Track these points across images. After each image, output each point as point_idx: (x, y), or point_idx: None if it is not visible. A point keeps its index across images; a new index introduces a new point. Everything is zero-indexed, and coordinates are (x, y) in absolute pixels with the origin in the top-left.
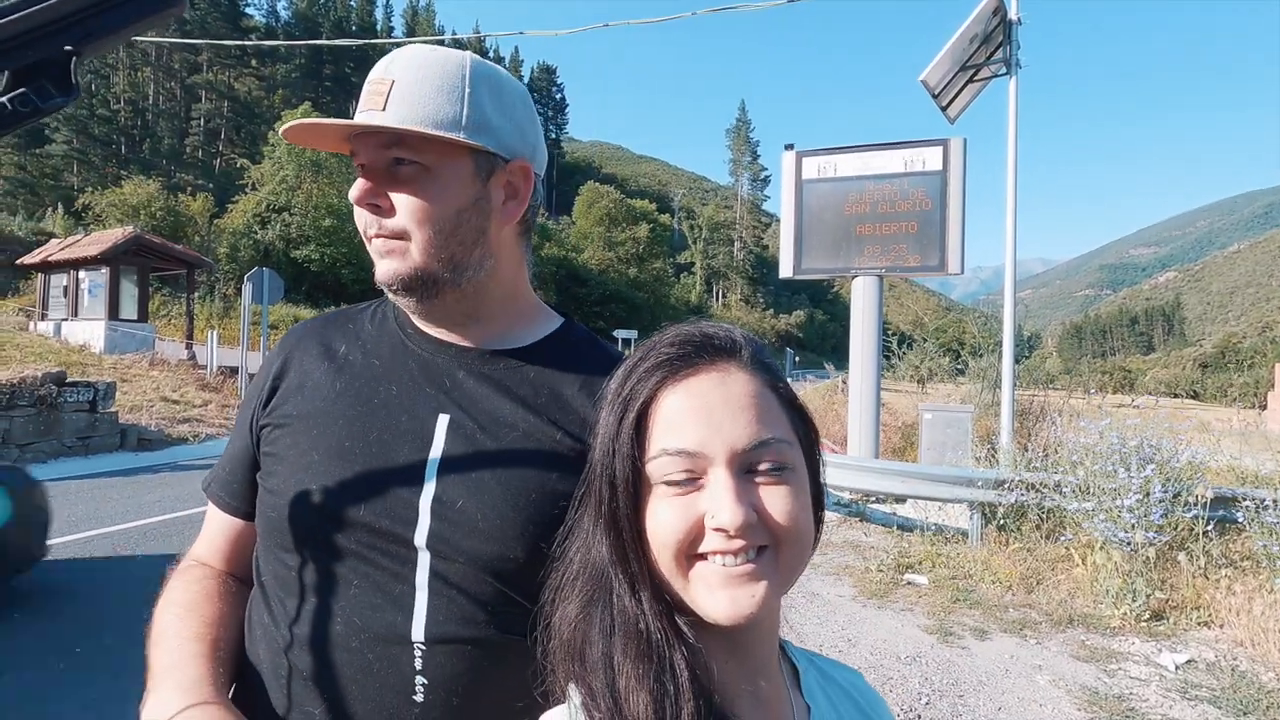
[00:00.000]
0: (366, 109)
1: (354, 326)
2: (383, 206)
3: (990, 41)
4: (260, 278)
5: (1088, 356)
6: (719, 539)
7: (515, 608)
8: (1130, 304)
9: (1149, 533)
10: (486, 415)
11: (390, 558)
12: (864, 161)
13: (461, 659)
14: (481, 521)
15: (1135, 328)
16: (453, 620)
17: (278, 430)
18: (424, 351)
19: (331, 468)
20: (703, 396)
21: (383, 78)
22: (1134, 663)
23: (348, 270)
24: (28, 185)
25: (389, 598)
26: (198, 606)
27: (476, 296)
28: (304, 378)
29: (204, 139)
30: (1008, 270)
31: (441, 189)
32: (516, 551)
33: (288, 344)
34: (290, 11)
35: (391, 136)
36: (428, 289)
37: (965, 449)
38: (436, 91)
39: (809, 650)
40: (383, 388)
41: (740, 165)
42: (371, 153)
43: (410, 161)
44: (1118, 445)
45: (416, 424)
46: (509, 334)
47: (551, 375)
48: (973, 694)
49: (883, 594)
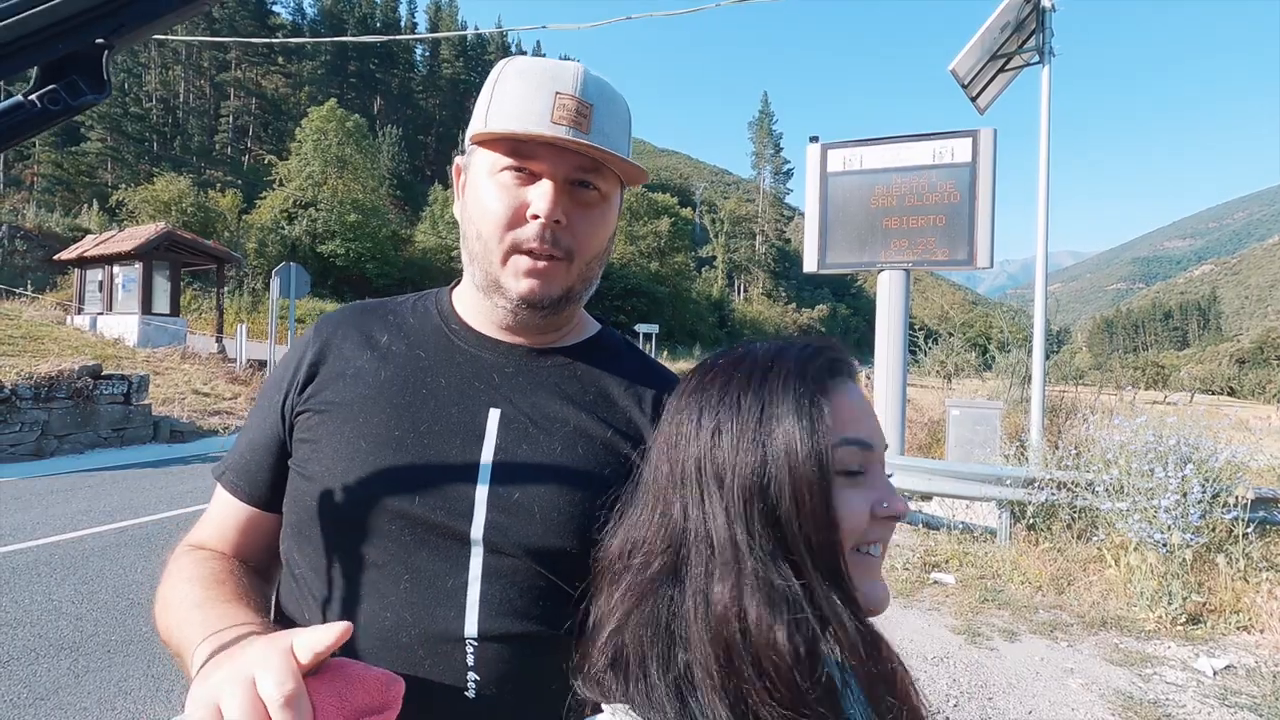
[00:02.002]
0: (566, 124)
1: (395, 318)
2: (562, 224)
3: (1022, 29)
4: (288, 273)
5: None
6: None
7: (567, 602)
8: (1164, 298)
9: (1186, 534)
10: (537, 410)
11: (443, 552)
12: (891, 154)
13: (514, 654)
14: (539, 515)
15: (1169, 322)
16: (506, 615)
17: (317, 416)
18: (470, 347)
19: (380, 456)
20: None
21: (580, 99)
22: (1170, 667)
23: (372, 265)
24: (64, 182)
25: (441, 592)
26: (215, 574)
27: (574, 312)
28: (345, 365)
29: (233, 136)
30: (1039, 263)
31: (607, 217)
32: (572, 544)
33: (324, 331)
34: (316, 9)
35: (588, 161)
36: (561, 306)
37: (994, 446)
38: (622, 127)
39: None
40: (430, 379)
41: (763, 158)
42: (566, 170)
43: (594, 187)
44: (1154, 443)
45: (468, 417)
46: (555, 336)
47: (597, 375)
48: (1002, 696)
49: (909, 593)
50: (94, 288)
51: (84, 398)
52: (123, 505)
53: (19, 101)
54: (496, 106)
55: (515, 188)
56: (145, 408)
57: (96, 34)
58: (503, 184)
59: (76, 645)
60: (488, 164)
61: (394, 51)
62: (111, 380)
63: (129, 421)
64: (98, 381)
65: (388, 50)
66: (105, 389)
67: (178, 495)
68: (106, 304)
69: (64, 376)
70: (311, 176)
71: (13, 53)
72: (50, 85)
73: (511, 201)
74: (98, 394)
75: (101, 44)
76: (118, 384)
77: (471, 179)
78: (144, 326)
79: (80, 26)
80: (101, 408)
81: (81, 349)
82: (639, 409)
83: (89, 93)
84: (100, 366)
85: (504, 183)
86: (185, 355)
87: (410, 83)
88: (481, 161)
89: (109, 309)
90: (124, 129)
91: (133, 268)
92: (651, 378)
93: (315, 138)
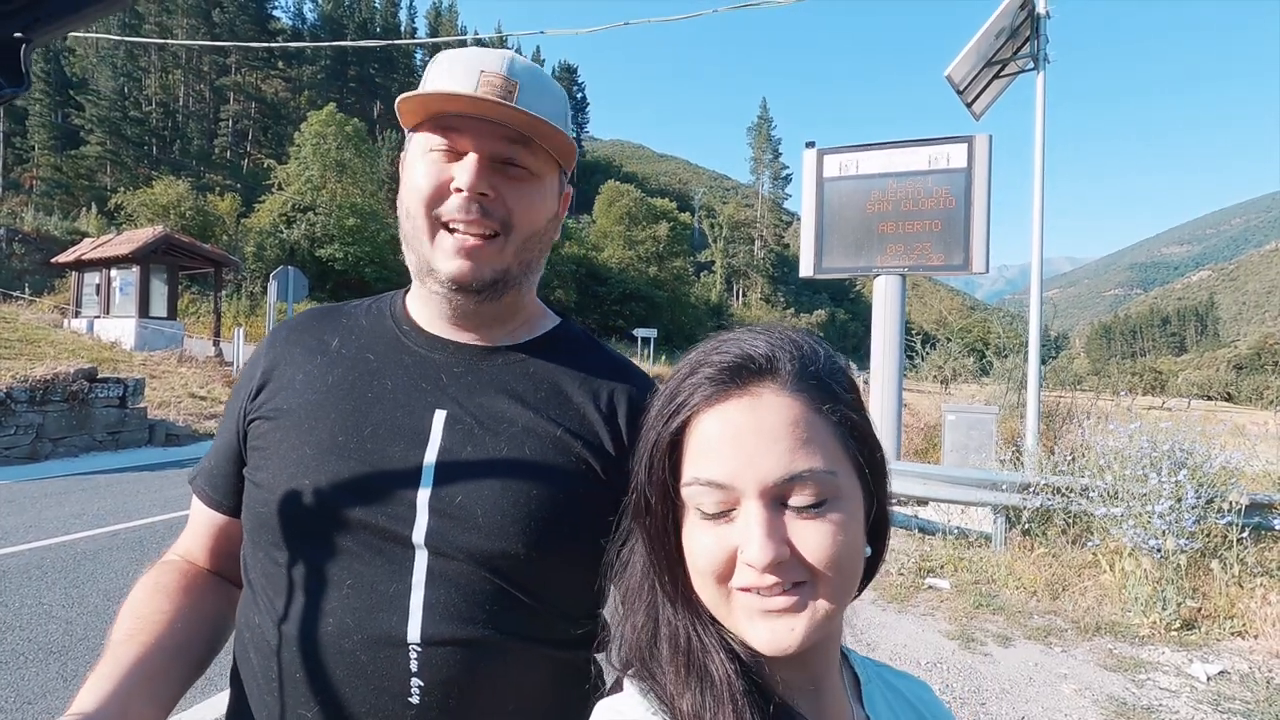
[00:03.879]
0: (490, 97)
1: (348, 321)
2: (490, 197)
3: (1017, 36)
4: (285, 276)
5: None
6: (751, 574)
7: (514, 606)
8: (1161, 303)
9: (1181, 539)
10: (484, 411)
11: (386, 556)
12: (887, 159)
13: (459, 659)
14: (482, 517)
15: (1167, 328)
16: (450, 620)
17: (267, 423)
18: (420, 347)
19: (324, 463)
20: (734, 425)
21: (505, 75)
22: (1164, 673)
23: (370, 269)
24: (63, 186)
25: (384, 598)
26: (148, 603)
27: (516, 301)
28: (295, 371)
29: (232, 140)
30: (1034, 268)
31: (541, 196)
32: (517, 547)
33: (278, 337)
34: (316, 14)
35: (515, 135)
36: (498, 290)
37: (989, 451)
38: (553, 110)
39: (876, 660)
40: (377, 382)
41: (761, 163)
42: (494, 144)
43: (521, 165)
44: (1148, 449)
45: (413, 420)
46: (507, 332)
47: (551, 371)
48: (995, 702)
49: (903, 598)
50: (91, 291)
51: (79, 401)
52: (116, 509)
53: None
54: (427, 87)
55: (441, 164)
56: (141, 411)
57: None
58: (430, 161)
59: (66, 649)
60: (419, 146)
61: (394, 56)
62: (107, 383)
63: (124, 425)
64: (93, 385)
65: (387, 55)
66: (101, 392)
67: (171, 499)
68: (104, 307)
69: (59, 379)
70: (310, 181)
71: None
72: None
73: (437, 177)
74: (93, 397)
75: (19, 37)
76: (113, 387)
77: (405, 166)
78: (141, 330)
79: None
80: (97, 411)
81: (78, 352)
82: (594, 406)
83: (7, 86)
84: (96, 369)
85: (431, 160)
86: (182, 358)
87: (410, 87)
88: (414, 146)
89: (106, 312)
90: (123, 132)
91: (130, 271)
92: (611, 373)
93: (314, 142)
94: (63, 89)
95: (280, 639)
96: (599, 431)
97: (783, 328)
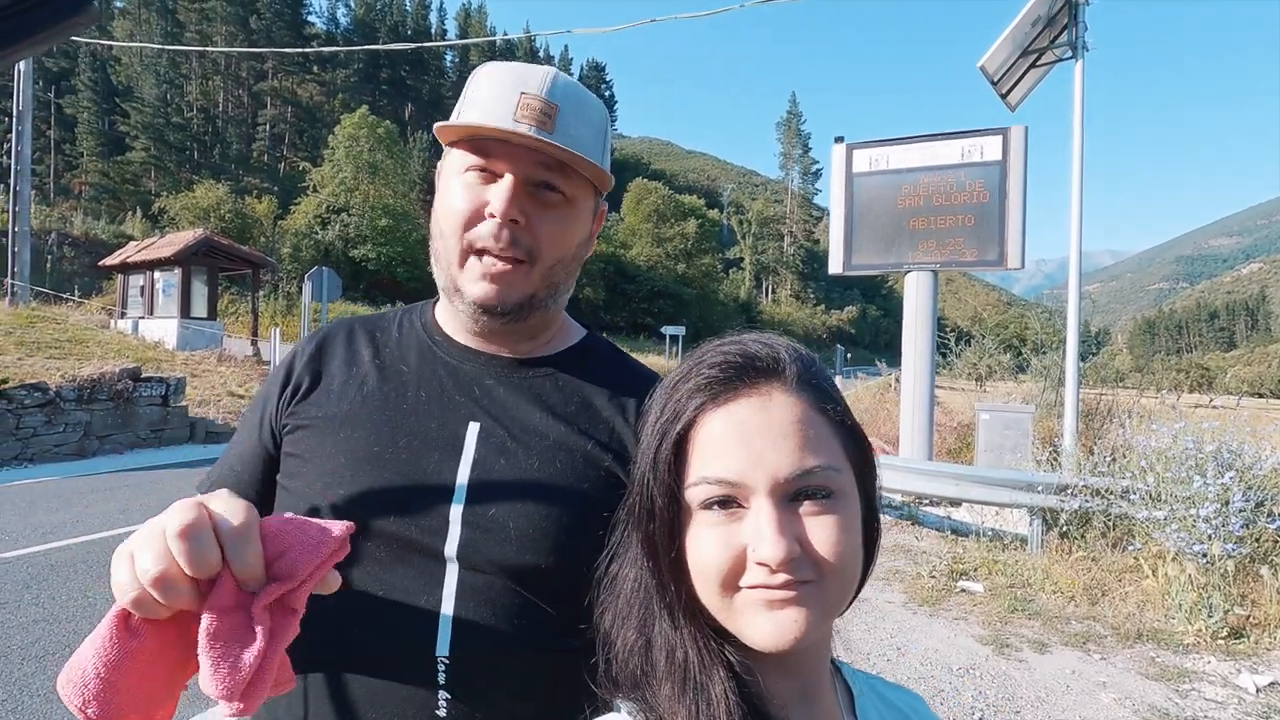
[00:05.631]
0: (529, 123)
1: (381, 333)
2: (520, 224)
3: (1054, 24)
4: (320, 277)
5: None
6: (761, 573)
7: (541, 618)
8: (1209, 297)
9: (1228, 544)
10: (517, 424)
11: (417, 569)
12: (918, 153)
13: (487, 673)
14: (514, 532)
15: (1215, 323)
16: (479, 634)
17: (302, 431)
18: (452, 359)
19: (359, 473)
20: (743, 423)
21: (546, 99)
22: (1209, 683)
23: (403, 269)
24: (110, 191)
25: (414, 610)
26: None
27: (543, 319)
28: (330, 380)
29: (269, 144)
30: (1072, 262)
31: (574, 221)
32: (548, 560)
33: (311, 346)
34: (349, 18)
35: (551, 160)
36: (524, 312)
37: (1025, 451)
38: (593, 132)
39: (868, 673)
40: (411, 394)
41: (790, 158)
42: (528, 168)
43: (556, 189)
44: (1193, 450)
45: (446, 432)
46: (536, 345)
47: (579, 385)
48: (1030, 710)
49: (935, 601)
50: (136, 292)
51: (124, 399)
52: (159, 505)
53: None
54: (465, 106)
55: (477, 186)
56: (182, 409)
57: None
58: (466, 183)
59: None
60: (455, 164)
61: (424, 58)
62: (150, 382)
63: (167, 422)
64: (137, 384)
65: (418, 57)
66: (144, 391)
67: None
68: (148, 308)
69: (105, 379)
70: (344, 182)
71: None
72: None
73: (472, 199)
74: (137, 396)
75: None
76: (156, 386)
77: (440, 181)
78: (183, 330)
79: None
80: (140, 409)
81: (123, 352)
82: (622, 418)
83: None
84: (140, 369)
85: (467, 182)
86: (221, 358)
87: (441, 89)
88: (450, 162)
89: (150, 313)
90: (166, 138)
91: (173, 273)
92: (638, 385)
93: (348, 144)
94: (109, 97)
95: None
96: (627, 444)
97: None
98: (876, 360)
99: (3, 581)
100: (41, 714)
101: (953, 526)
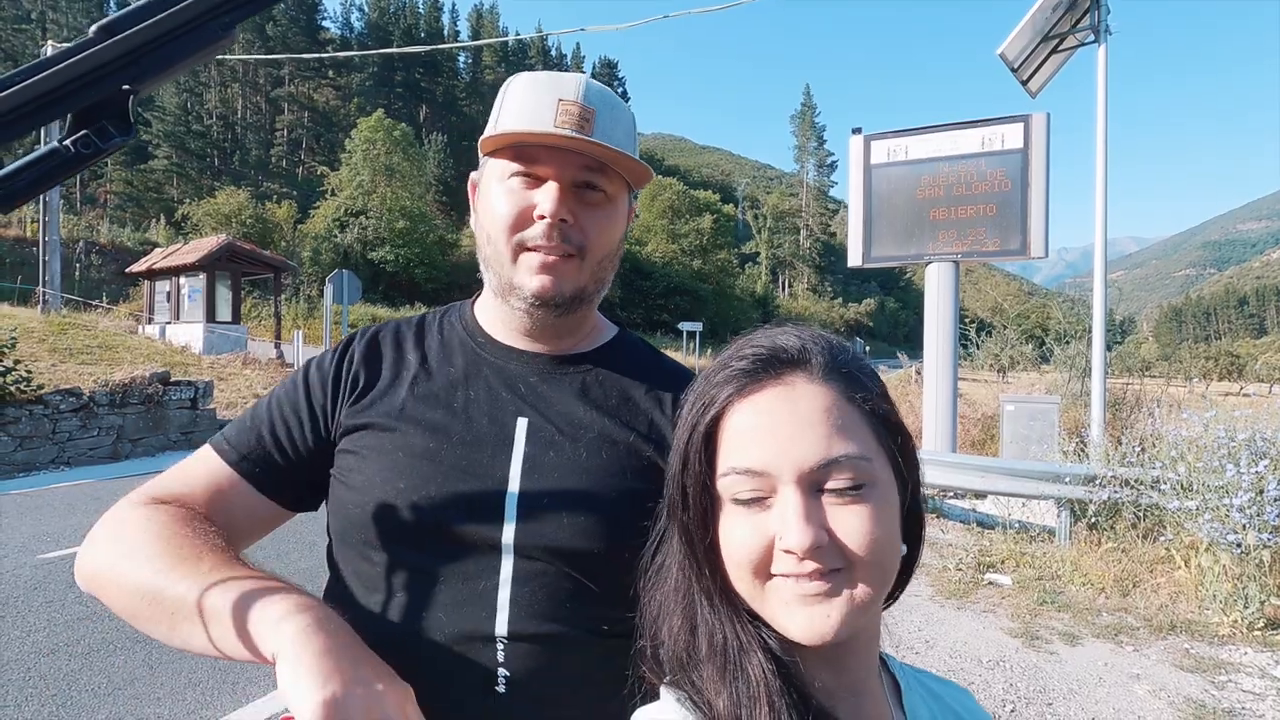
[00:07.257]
0: (569, 127)
1: (424, 335)
2: (568, 223)
3: (1076, 8)
4: (340, 279)
5: (1189, 341)
6: (789, 561)
7: (592, 601)
8: (1238, 283)
9: (1263, 534)
10: (563, 418)
11: (474, 558)
12: (937, 143)
13: (543, 653)
14: (566, 520)
15: (1244, 309)
16: (535, 616)
17: (361, 431)
18: (496, 359)
19: (417, 469)
20: (769, 414)
21: (583, 104)
22: (1246, 675)
23: (421, 270)
24: (134, 199)
25: (473, 595)
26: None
27: (586, 314)
28: (383, 382)
29: (288, 149)
30: (1097, 250)
31: (616, 217)
32: (599, 546)
33: (357, 348)
34: (363, 23)
35: (593, 161)
36: (574, 305)
37: (1051, 442)
38: (626, 134)
39: (916, 667)
40: (460, 393)
41: (805, 151)
42: (572, 170)
43: (598, 188)
44: (1225, 439)
45: (497, 428)
46: (575, 341)
47: (618, 380)
48: (1062, 703)
49: (962, 594)
50: (162, 298)
51: (155, 403)
52: None
53: (54, 148)
54: (504, 116)
55: (523, 191)
56: (210, 412)
57: (122, 81)
58: (511, 189)
59: (150, 639)
60: (497, 172)
61: (438, 60)
62: (179, 386)
63: (196, 425)
64: (167, 388)
65: (432, 59)
66: (174, 394)
67: None
68: (174, 313)
69: (136, 383)
70: (361, 185)
71: (50, 103)
72: (82, 131)
73: (519, 204)
74: (167, 399)
75: (127, 90)
76: (185, 390)
77: (483, 188)
78: (208, 334)
79: (107, 75)
80: (171, 412)
81: (152, 357)
82: (660, 410)
83: (117, 135)
84: (169, 373)
85: (512, 188)
86: (246, 361)
87: (454, 90)
88: (491, 171)
89: (176, 318)
90: (187, 146)
91: (197, 278)
92: (672, 379)
93: (364, 148)
94: None
95: (375, 635)
96: (665, 435)
97: (809, 327)
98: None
99: (47, 580)
100: (89, 708)
101: (978, 519)
